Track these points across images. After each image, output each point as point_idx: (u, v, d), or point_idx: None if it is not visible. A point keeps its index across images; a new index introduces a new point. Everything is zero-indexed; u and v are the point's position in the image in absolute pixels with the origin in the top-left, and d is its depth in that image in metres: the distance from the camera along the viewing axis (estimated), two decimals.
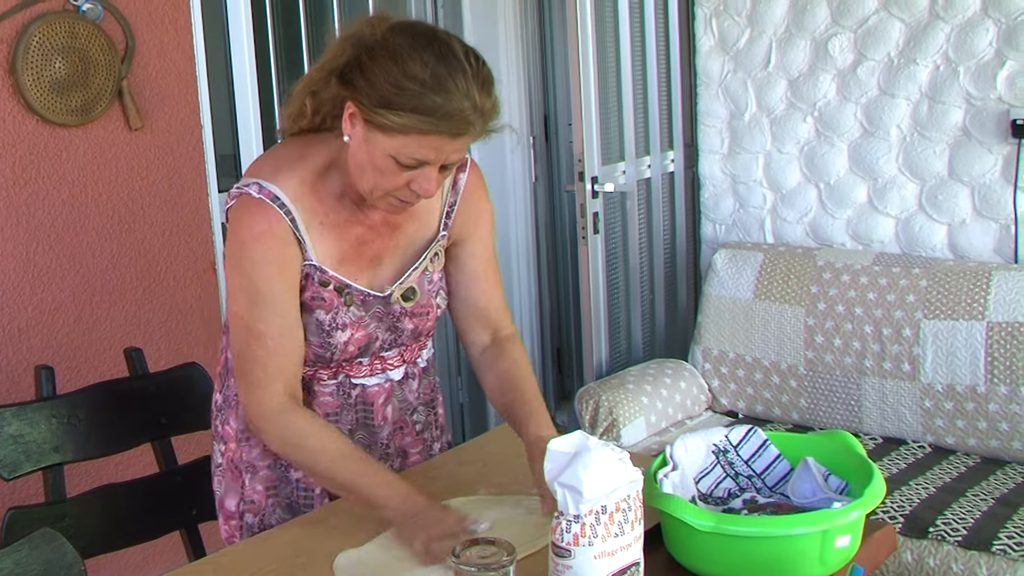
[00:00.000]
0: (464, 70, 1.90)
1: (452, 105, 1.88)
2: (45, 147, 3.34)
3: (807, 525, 1.75)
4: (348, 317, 2.13)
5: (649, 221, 4.62)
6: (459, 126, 1.90)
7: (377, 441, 2.30)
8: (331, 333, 2.13)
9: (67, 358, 3.43)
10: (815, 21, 4.01)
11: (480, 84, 1.92)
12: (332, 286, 2.11)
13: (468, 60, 1.92)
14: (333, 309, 2.12)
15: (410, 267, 2.19)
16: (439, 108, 1.88)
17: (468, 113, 1.90)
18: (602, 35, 4.41)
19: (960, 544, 3.06)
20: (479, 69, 1.93)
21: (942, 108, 3.79)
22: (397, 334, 2.22)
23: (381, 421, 2.29)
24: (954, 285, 3.64)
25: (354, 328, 2.15)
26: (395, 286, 2.17)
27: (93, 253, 3.48)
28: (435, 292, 2.24)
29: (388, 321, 2.19)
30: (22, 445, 2.37)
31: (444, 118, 1.88)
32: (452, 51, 1.91)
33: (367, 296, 2.14)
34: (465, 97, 1.89)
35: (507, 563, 1.55)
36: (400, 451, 2.36)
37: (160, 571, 2.36)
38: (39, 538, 1.84)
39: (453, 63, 1.90)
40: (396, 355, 2.26)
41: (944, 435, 3.64)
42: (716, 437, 2.06)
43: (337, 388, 2.23)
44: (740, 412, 4.09)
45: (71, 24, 3.30)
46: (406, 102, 1.88)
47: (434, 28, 1.98)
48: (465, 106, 1.89)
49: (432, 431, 2.42)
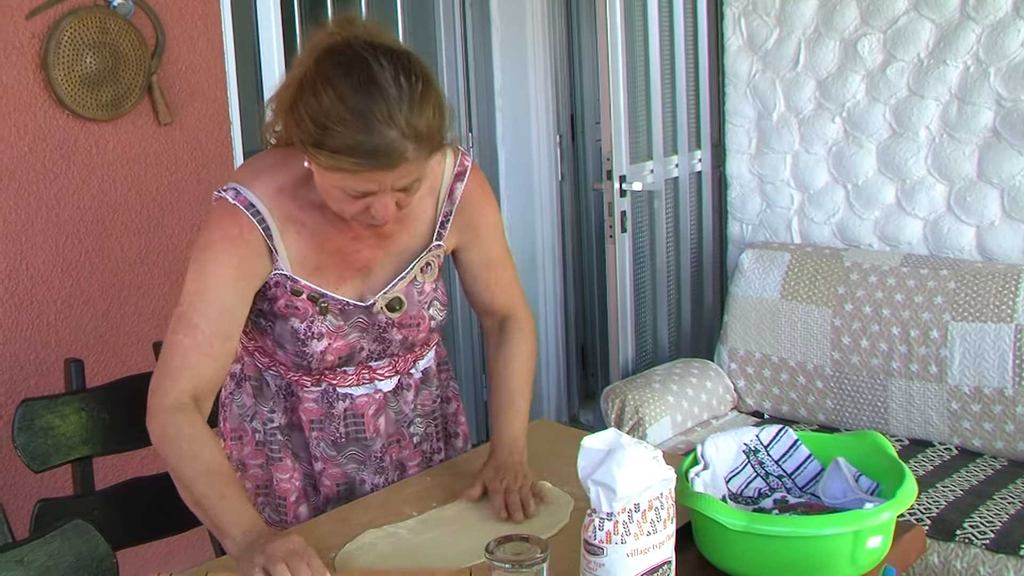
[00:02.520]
0: (387, 96, 1.80)
1: (376, 140, 1.79)
2: (75, 141, 3.35)
3: (839, 525, 1.74)
4: (325, 326, 2.10)
5: (676, 220, 4.61)
6: (389, 160, 1.82)
7: (370, 455, 2.27)
8: (306, 342, 2.10)
9: (95, 352, 3.45)
10: (844, 21, 3.99)
11: (410, 105, 1.81)
12: (305, 295, 2.08)
13: (396, 81, 1.81)
14: (308, 318, 2.09)
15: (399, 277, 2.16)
16: (362, 145, 1.80)
17: (396, 143, 1.80)
18: (631, 34, 4.40)
19: (988, 547, 3.04)
20: (411, 88, 1.82)
21: (972, 109, 3.77)
22: (385, 345, 2.18)
23: (373, 433, 2.25)
24: (982, 287, 3.62)
25: (331, 338, 2.11)
26: (378, 296, 2.13)
27: (122, 247, 3.50)
28: (427, 303, 2.19)
29: (374, 332, 2.15)
30: (52, 438, 2.37)
31: (370, 155, 1.80)
32: (373, 77, 1.80)
33: (346, 305, 2.11)
34: (390, 126, 1.79)
35: (540, 559, 1.54)
36: (397, 464, 2.32)
37: (184, 565, 2.37)
38: (71, 530, 1.85)
39: (373, 91, 1.80)
40: (387, 365, 2.23)
41: (971, 438, 3.62)
42: (747, 437, 2.06)
43: (321, 396, 2.21)
44: (766, 412, 4.08)
45: (102, 20, 3.31)
46: (330, 142, 1.81)
47: (360, 49, 1.86)
48: (391, 136, 1.80)
49: (434, 442, 2.38)
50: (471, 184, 2.19)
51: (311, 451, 2.25)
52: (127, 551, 2.38)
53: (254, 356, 2.25)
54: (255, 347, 2.23)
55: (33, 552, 1.79)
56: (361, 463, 2.27)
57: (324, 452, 2.25)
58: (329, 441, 2.24)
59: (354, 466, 2.27)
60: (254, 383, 2.27)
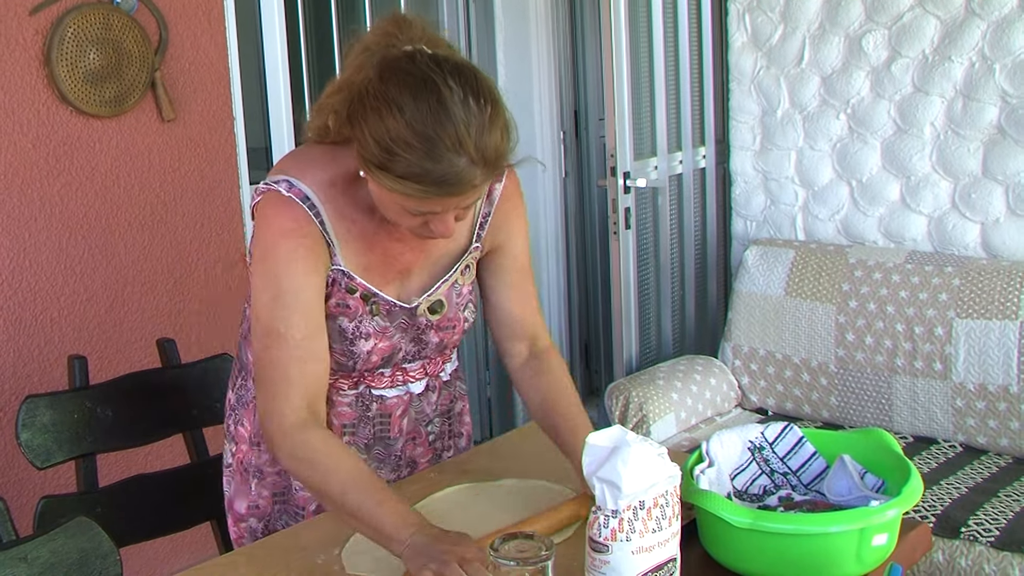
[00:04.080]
0: (457, 120, 1.74)
1: (444, 168, 1.74)
2: (78, 138, 3.35)
3: (845, 523, 1.73)
4: (372, 326, 2.06)
5: (680, 217, 4.60)
6: (457, 187, 1.77)
7: (391, 454, 2.25)
8: (354, 342, 2.05)
9: (98, 348, 3.45)
10: (849, 17, 3.98)
11: (479, 130, 1.76)
12: (359, 293, 2.03)
13: (465, 104, 1.75)
14: (357, 317, 2.05)
15: (439, 279, 2.11)
16: (429, 173, 1.74)
17: (465, 170, 1.75)
18: (635, 30, 4.40)
19: (992, 545, 3.04)
20: (480, 111, 1.77)
21: (977, 106, 3.76)
22: (421, 346, 2.15)
23: (397, 434, 2.23)
24: (987, 284, 3.61)
25: (378, 338, 2.07)
26: (423, 298, 2.09)
27: (125, 244, 3.50)
28: (463, 305, 2.16)
29: (412, 333, 2.12)
30: (55, 434, 2.38)
31: (437, 183, 1.75)
32: (442, 101, 1.74)
33: (393, 306, 2.06)
34: (459, 154, 1.74)
35: (545, 557, 1.54)
36: (410, 461, 2.29)
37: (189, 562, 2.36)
38: (75, 527, 1.85)
39: (443, 117, 1.73)
40: (419, 367, 2.20)
41: (975, 435, 3.62)
42: (752, 434, 2.05)
43: (356, 399, 2.17)
44: (770, 409, 4.07)
45: (105, 16, 3.31)
46: (395, 167, 1.76)
47: (427, 67, 1.79)
48: (460, 164, 1.75)
49: (445, 440, 2.35)
50: (508, 184, 2.15)
51: None
52: (131, 548, 2.38)
53: None
54: None
55: (37, 549, 1.79)
56: (382, 462, 2.24)
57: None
58: (361, 445, 2.20)
59: (376, 465, 2.23)
60: None
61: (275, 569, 1.92)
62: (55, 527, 1.83)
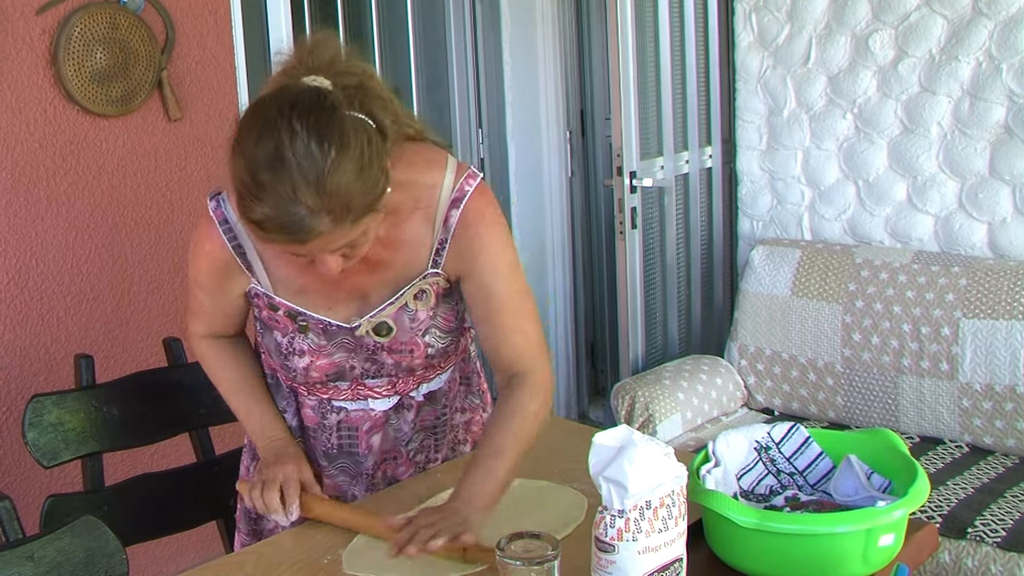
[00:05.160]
0: (293, 169, 1.65)
1: (283, 217, 1.67)
2: (85, 137, 3.35)
3: (851, 523, 1.73)
4: (306, 344, 2.06)
5: (686, 217, 4.60)
6: (300, 235, 1.70)
7: (361, 472, 2.23)
8: (288, 357, 2.08)
9: (105, 347, 3.45)
10: (856, 17, 3.98)
11: (319, 177, 1.66)
12: (282, 311, 2.04)
13: (308, 149, 1.66)
14: (288, 333, 2.06)
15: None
16: (271, 220, 1.69)
17: (304, 219, 1.67)
18: (641, 30, 4.39)
19: (999, 545, 3.03)
20: (322, 156, 1.67)
21: (984, 105, 3.75)
22: (379, 366, 2.11)
23: (365, 451, 2.20)
24: (994, 284, 3.61)
25: (313, 355, 2.07)
26: (364, 319, 2.04)
27: (132, 243, 3.50)
28: (421, 331, 2.07)
29: (362, 353, 2.08)
30: (61, 433, 2.38)
31: (280, 231, 1.70)
32: (279, 148, 1.66)
33: (328, 325, 2.04)
34: (295, 204, 1.66)
35: (551, 557, 1.54)
36: (391, 480, 2.25)
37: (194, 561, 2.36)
38: (81, 526, 1.85)
39: (277, 165, 1.66)
40: (386, 384, 2.15)
41: (982, 435, 3.61)
42: (758, 434, 2.05)
43: (317, 405, 2.19)
44: (776, 409, 4.07)
45: (112, 15, 3.31)
46: (243, 211, 1.72)
47: (276, 110, 1.72)
48: (299, 213, 1.67)
49: (429, 452, 2.28)
50: (471, 208, 2.01)
51: (313, 456, 2.23)
52: (137, 547, 2.38)
53: (264, 356, 2.23)
54: (261, 349, 2.22)
55: (43, 548, 1.79)
56: (352, 477, 2.23)
57: (317, 461, 2.22)
58: (321, 451, 2.22)
59: (344, 479, 2.23)
60: (271, 380, 2.24)
61: (281, 568, 1.92)
62: (61, 526, 1.84)
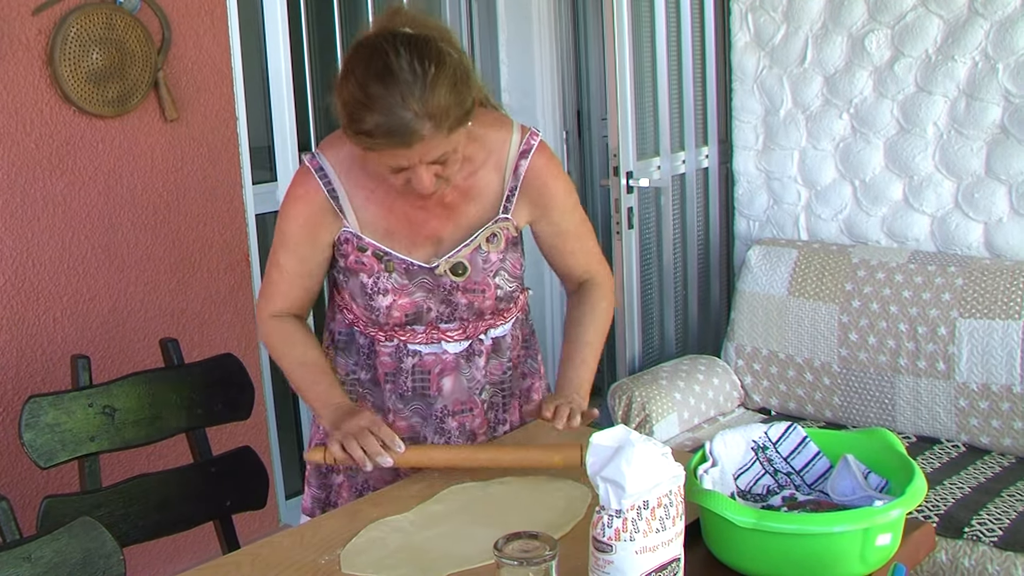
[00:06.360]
0: (399, 82, 1.99)
1: (392, 120, 1.99)
2: (81, 138, 3.35)
3: (848, 523, 1.73)
4: (390, 283, 2.26)
5: (683, 217, 4.60)
6: (405, 138, 2.01)
7: (432, 413, 2.39)
8: (373, 296, 2.28)
9: (101, 348, 3.45)
10: (852, 17, 3.98)
11: (423, 88, 1.99)
12: (370, 252, 2.26)
13: (411, 68, 2.00)
14: (374, 274, 2.27)
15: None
16: (381, 126, 2.00)
17: (411, 123, 1.99)
18: (638, 30, 4.39)
19: (996, 544, 3.04)
20: (424, 72, 2.00)
21: (980, 105, 3.76)
22: (452, 308, 2.30)
23: (435, 392, 2.37)
24: (990, 284, 3.61)
25: (396, 294, 2.27)
26: (442, 259, 2.27)
27: (128, 244, 3.49)
28: (493, 272, 2.30)
29: (439, 294, 2.29)
30: (58, 434, 2.38)
31: (387, 135, 2.01)
32: (388, 67, 2.00)
33: (410, 265, 2.27)
34: (403, 109, 1.99)
35: (549, 557, 1.54)
36: (469, 433, 2.41)
37: (191, 562, 2.36)
38: (78, 527, 1.85)
39: (388, 79, 2.00)
40: (457, 328, 2.34)
41: (979, 435, 3.61)
42: (755, 434, 2.05)
43: (394, 351, 2.35)
44: (773, 409, 4.07)
45: (108, 15, 3.31)
46: (355, 125, 2.04)
47: (382, 40, 2.06)
48: (407, 117, 1.99)
49: (498, 412, 2.46)
50: (537, 161, 2.33)
51: (385, 403, 2.40)
52: (134, 547, 2.39)
53: (343, 312, 2.42)
54: (342, 303, 2.41)
55: (40, 548, 1.79)
56: (424, 419, 2.39)
57: (394, 404, 2.39)
58: (398, 394, 2.38)
59: (418, 419, 2.40)
60: (343, 337, 2.44)
61: (278, 569, 1.92)
62: (58, 527, 1.84)
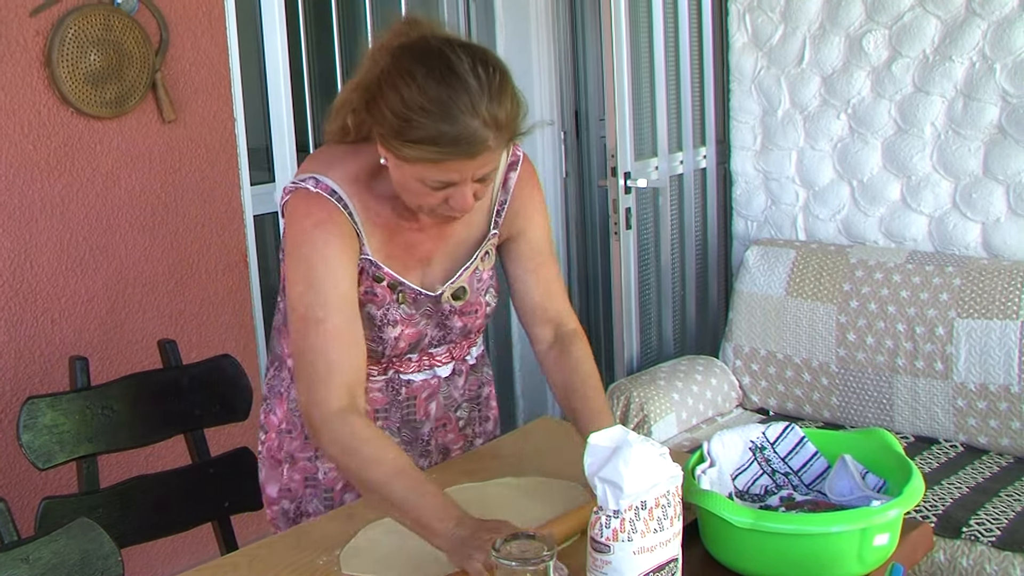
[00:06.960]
0: (468, 87, 1.85)
1: (459, 129, 1.83)
2: (79, 139, 3.35)
3: (846, 523, 1.73)
4: (399, 314, 2.13)
5: (681, 217, 4.60)
6: (472, 148, 1.86)
7: (418, 437, 2.30)
8: (382, 328, 2.12)
9: (99, 349, 3.44)
10: (849, 17, 3.98)
11: (491, 95, 1.87)
12: (386, 282, 2.10)
13: (475, 72, 1.86)
14: (384, 305, 2.12)
15: (460, 267, 2.19)
16: (446, 135, 1.83)
17: (479, 131, 1.85)
18: (635, 30, 4.39)
19: (994, 544, 3.04)
20: (488, 79, 1.88)
21: (977, 105, 3.76)
22: (446, 331, 2.22)
23: (423, 416, 2.29)
24: (988, 284, 3.61)
25: (404, 325, 2.15)
26: (446, 286, 2.17)
27: (126, 245, 3.49)
28: (484, 290, 2.23)
29: (437, 319, 2.19)
30: (56, 435, 2.38)
31: (453, 144, 1.84)
32: (453, 70, 1.85)
33: (419, 295, 2.14)
34: (472, 116, 1.84)
35: (547, 558, 1.54)
36: (442, 448, 2.36)
37: (189, 563, 2.36)
38: (77, 528, 1.85)
39: (455, 83, 1.84)
40: (445, 352, 2.26)
41: (977, 435, 3.61)
42: (753, 434, 2.05)
43: (387, 384, 2.24)
44: (771, 409, 4.07)
45: (106, 17, 3.31)
46: (413, 133, 1.85)
47: (438, 43, 1.92)
48: (474, 125, 1.84)
49: (475, 426, 2.41)
50: (525, 171, 2.24)
51: None
52: (132, 549, 2.38)
53: None
54: None
55: (38, 550, 1.79)
56: (409, 445, 2.29)
57: None
58: (394, 428, 2.26)
59: (404, 448, 2.26)
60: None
61: (276, 570, 1.92)
62: (57, 528, 1.83)
